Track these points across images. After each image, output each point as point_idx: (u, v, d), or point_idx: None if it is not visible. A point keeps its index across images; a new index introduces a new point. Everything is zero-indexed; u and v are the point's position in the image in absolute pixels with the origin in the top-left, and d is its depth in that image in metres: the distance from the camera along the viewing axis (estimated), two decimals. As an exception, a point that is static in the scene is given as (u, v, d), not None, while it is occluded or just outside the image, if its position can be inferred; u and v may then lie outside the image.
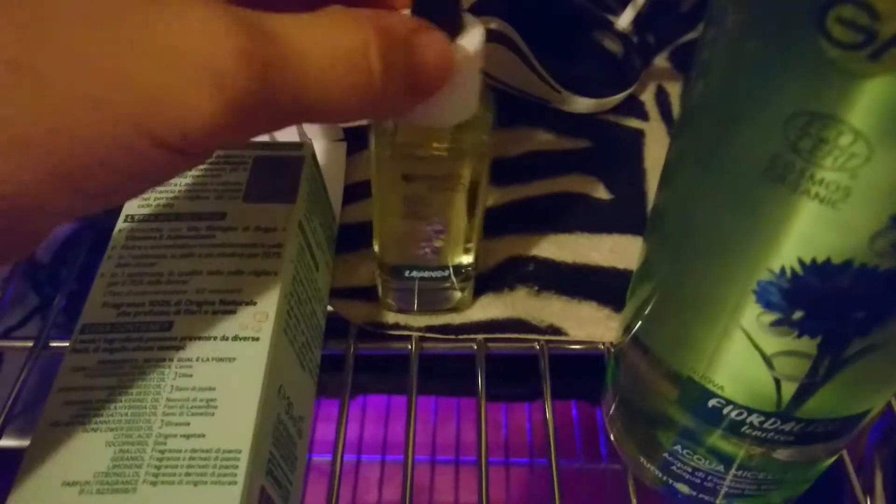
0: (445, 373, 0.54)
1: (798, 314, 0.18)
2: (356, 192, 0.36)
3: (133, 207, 0.26)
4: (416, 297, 0.31)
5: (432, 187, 0.25)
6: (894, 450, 0.49)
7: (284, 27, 0.16)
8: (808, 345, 0.18)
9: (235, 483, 0.20)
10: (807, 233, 0.16)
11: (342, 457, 0.29)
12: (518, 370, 0.44)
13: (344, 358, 0.32)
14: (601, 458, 0.74)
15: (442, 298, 0.31)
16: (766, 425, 0.21)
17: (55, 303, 0.33)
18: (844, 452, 0.31)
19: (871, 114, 0.14)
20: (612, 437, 0.30)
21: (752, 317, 0.19)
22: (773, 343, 0.19)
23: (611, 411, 0.29)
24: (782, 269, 0.17)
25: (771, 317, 0.18)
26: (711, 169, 0.18)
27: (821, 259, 0.16)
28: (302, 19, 0.16)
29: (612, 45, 0.39)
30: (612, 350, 0.31)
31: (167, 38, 0.14)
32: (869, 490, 0.50)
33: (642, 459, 0.27)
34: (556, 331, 0.32)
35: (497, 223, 0.35)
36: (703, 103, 0.18)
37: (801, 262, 0.17)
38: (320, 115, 0.17)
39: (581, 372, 0.36)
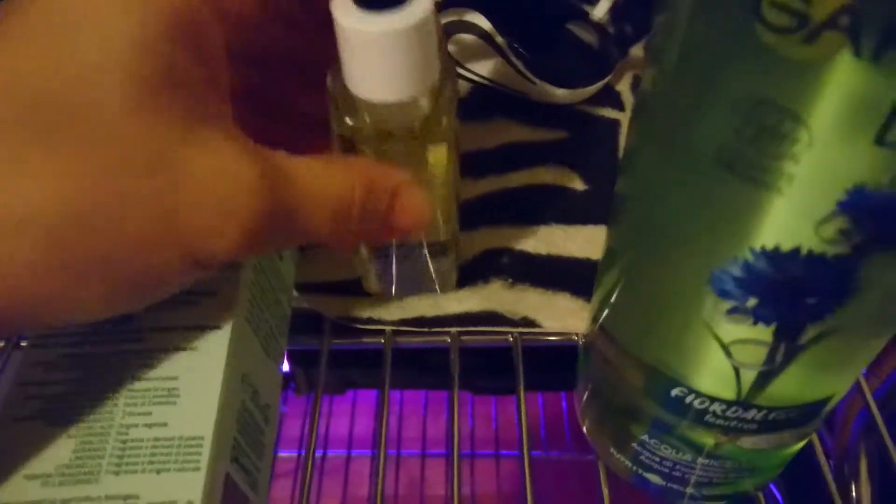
0: (433, 367, 0.54)
1: (752, 302, 0.18)
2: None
3: None
4: (394, 274, 0.31)
5: (396, 156, 0.24)
6: (878, 438, 0.49)
7: (294, 170, 0.20)
8: (763, 332, 0.18)
9: (199, 469, 0.20)
10: (755, 220, 0.16)
11: (314, 451, 0.29)
12: (507, 363, 0.44)
13: (319, 353, 0.32)
14: (590, 449, 0.74)
15: (420, 279, 0.31)
16: (728, 413, 0.21)
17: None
18: (818, 443, 0.31)
19: (808, 98, 0.14)
20: (584, 429, 0.30)
21: (709, 305, 0.19)
22: (729, 331, 0.19)
23: (583, 402, 0.29)
24: (734, 258, 0.17)
25: (726, 305, 0.18)
26: (664, 157, 0.18)
27: (770, 246, 0.16)
28: (308, 165, 0.20)
29: (588, 36, 0.39)
30: (582, 341, 0.31)
31: (206, 184, 0.18)
32: (854, 478, 0.50)
33: (613, 450, 0.27)
34: (529, 323, 0.32)
35: (472, 215, 0.35)
36: (655, 91, 0.18)
37: (751, 249, 0.17)
38: (308, 239, 0.21)
39: (567, 364, 0.37)
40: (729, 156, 0.15)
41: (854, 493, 0.48)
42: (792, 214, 0.15)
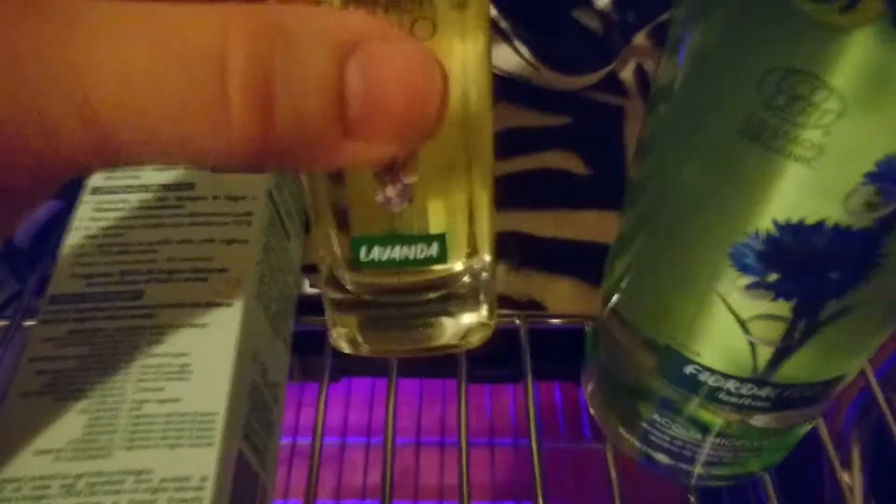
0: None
1: (773, 276, 0.18)
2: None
3: (99, 180, 0.25)
4: (387, 315, 0.19)
5: None
6: (872, 425, 0.49)
7: (78, 15, 0.11)
8: (783, 308, 0.18)
9: (212, 445, 0.20)
10: (781, 193, 0.16)
11: (322, 437, 0.29)
12: (500, 351, 0.44)
13: (323, 335, 0.31)
14: (584, 438, 0.74)
15: (430, 317, 0.19)
16: (742, 391, 0.21)
17: (29, 283, 0.33)
18: (823, 428, 0.31)
19: (844, 68, 0.14)
20: (592, 412, 0.30)
21: (729, 281, 0.19)
22: (749, 307, 0.19)
23: (591, 385, 0.29)
24: (757, 231, 0.17)
25: (747, 280, 0.18)
26: (687, 132, 0.18)
27: (795, 219, 0.16)
28: (120, 8, 0.11)
29: (592, 22, 0.39)
30: (591, 324, 0.31)
31: None
32: (846, 465, 0.51)
33: (621, 430, 0.27)
34: (535, 305, 0.32)
35: (477, 199, 0.34)
36: (680, 68, 0.18)
37: (775, 222, 0.17)
38: (149, 157, 0.12)
39: (564, 352, 0.37)
40: (757, 128, 0.15)
41: (847, 480, 0.49)
42: (819, 187, 0.15)
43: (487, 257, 0.18)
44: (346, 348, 0.19)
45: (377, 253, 0.16)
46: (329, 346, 0.31)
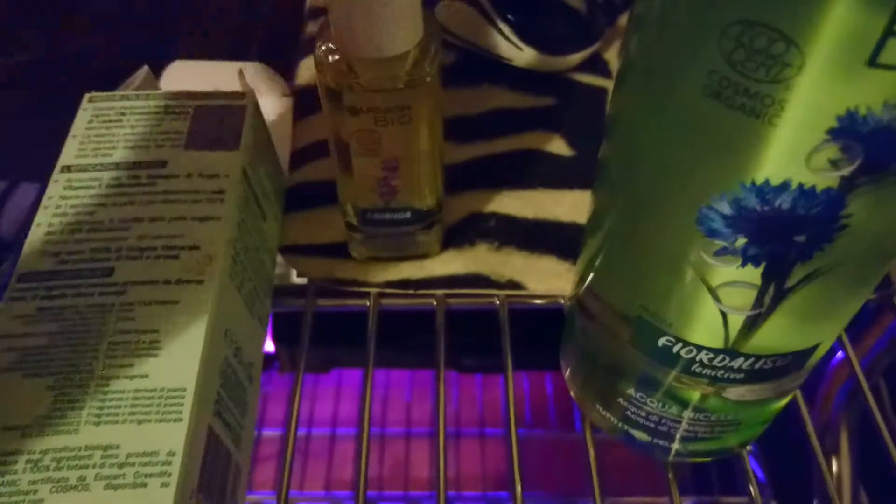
0: (419, 345, 0.53)
1: (741, 241, 0.18)
2: (311, 151, 0.35)
3: (70, 158, 0.25)
4: (381, 241, 0.31)
5: (379, 121, 0.25)
6: (860, 412, 0.49)
7: None
8: (751, 274, 0.18)
9: (181, 420, 0.20)
10: (745, 153, 0.16)
11: (297, 413, 0.28)
12: (493, 340, 0.44)
13: (303, 315, 0.31)
14: (575, 428, 0.74)
15: (407, 243, 0.31)
16: (715, 362, 0.21)
17: (3, 267, 0.33)
18: (807, 417, 0.31)
19: (801, 19, 0.13)
20: (571, 393, 0.30)
21: (697, 248, 0.18)
22: (718, 274, 0.19)
23: (570, 366, 0.29)
24: (723, 194, 0.17)
25: (714, 245, 0.18)
26: (652, 97, 0.18)
27: (760, 180, 0.16)
28: None
29: (576, 3, 0.39)
30: (568, 303, 0.31)
31: None
32: (834, 451, 0.51)
33: (599, 407, 0.27)
34: (515, 285, 0.32)
35: (459, 180, 0.34)
36: (643, 35, 0.18)
37: (741, 184, 0.16)
38: None
39: (555, 341, 0.36)
40: (719, 85, 0.15)
41: (835, 467, 0.49)
42: (783, 145, 0.15)
43: (433, 204, 0.30)
44: (362, 255, 0.32)
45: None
46: (308, 323, 0.31)
